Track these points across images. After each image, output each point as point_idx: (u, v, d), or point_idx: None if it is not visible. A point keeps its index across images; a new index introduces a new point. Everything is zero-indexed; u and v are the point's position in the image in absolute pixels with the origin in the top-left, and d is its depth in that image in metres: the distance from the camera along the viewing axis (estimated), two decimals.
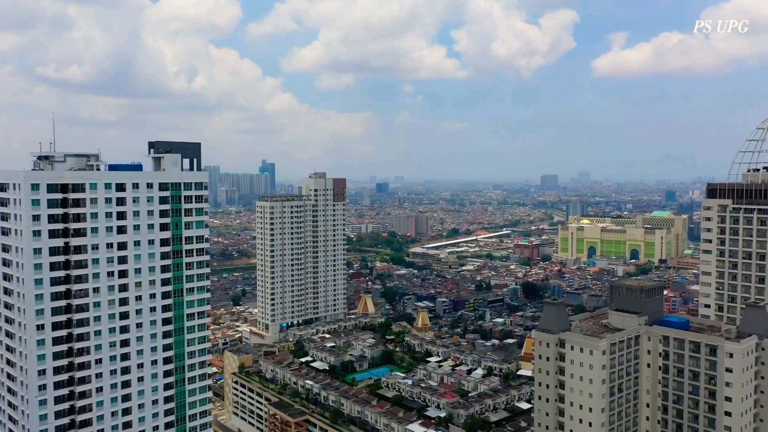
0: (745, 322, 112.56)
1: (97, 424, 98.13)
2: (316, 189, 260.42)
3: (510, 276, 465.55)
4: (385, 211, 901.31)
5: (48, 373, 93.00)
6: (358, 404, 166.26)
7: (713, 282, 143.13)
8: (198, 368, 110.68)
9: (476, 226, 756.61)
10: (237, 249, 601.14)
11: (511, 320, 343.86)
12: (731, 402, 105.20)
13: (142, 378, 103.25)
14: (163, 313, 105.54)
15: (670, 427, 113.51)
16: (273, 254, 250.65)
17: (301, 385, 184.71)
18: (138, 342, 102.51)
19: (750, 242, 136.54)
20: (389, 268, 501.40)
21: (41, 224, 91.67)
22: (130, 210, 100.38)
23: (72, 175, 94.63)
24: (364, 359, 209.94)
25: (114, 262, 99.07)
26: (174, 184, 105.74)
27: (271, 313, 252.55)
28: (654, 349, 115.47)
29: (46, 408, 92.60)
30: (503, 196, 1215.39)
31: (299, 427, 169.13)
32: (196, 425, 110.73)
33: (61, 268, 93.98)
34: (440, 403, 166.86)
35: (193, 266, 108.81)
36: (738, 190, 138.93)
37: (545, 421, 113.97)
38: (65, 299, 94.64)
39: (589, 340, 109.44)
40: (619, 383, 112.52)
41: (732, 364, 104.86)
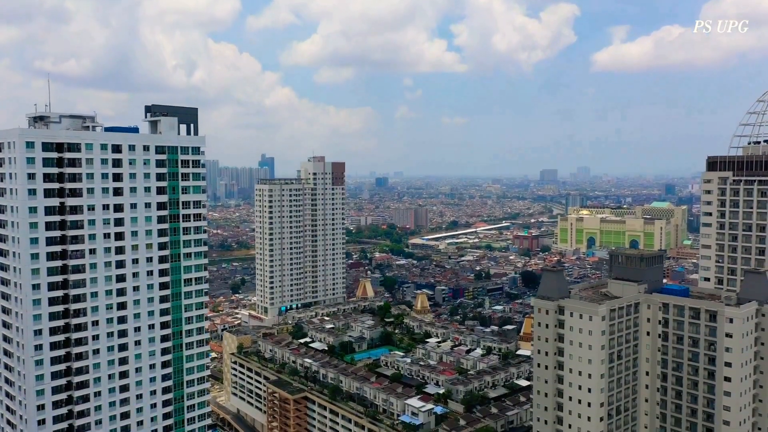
0: (745, 288, 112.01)
1: (94, 385, 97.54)
2: (315, 172, 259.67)
3: (509, 266, 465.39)
4: (384, 205, 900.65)
5: (44, 331, 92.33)
6: (357, 381, 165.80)
7: (713, 255, 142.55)
8: (196, 334, 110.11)
9: (476, 219, 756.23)
10: (236, 240, 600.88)
11: (510, 308, 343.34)
12: (731, 368, 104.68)
13: (139, 342, 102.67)
14: (161, 277, 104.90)
15: (669, 395, 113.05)
16: (272, 237, 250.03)
17: (300, 363, 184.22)
18: (135, 305, 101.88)
19: (750, 214, 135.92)
20: (388, 258, 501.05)
21: (36, 183, 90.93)
22: (127, 172, 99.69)
23: (68, 135, 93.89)
24: (363, 340, 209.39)
25: (110, 224, 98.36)
26: (171, 147, 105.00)
27: (269, 296, 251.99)
28: (654, 317, 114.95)
29: (42, 362, 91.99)
30: (503, 190, 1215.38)
31: (298, 404, 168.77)
32: (194, 391, 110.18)
33: (57, 229, 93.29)
34: (439, 380, 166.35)
35: (190, 231, 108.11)
36: (738, 162, 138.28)
37: (544, 388, 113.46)
38: (61, 260, 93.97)
39: (589, 306, 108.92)
40: (619, 350, 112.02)
41: (732, 329, 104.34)
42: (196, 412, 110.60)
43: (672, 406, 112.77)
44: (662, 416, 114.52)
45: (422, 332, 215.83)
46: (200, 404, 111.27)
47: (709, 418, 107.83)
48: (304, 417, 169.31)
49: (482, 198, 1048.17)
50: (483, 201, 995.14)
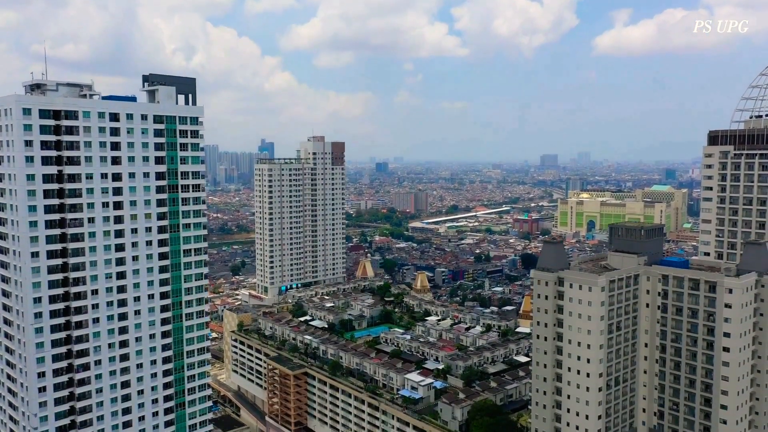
0: (745, 260, 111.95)
1: (94, 354, 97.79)
2: (315, 152, 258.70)
3: (509, 248, 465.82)
4: (384, 190, 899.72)
5: (44, 299, 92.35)
6: (357, 357, 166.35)
7: (713, 230, 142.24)
8: (195, 305, 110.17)
9: (476, 203, 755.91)
10: (236, 224, 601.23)
11: (510, 289, 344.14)
12: (730, 338, 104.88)
13: (139, 312, 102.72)
14: (160, 247, 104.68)
15: (668, 366, 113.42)
16: (272, 217, 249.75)
17: (300, 340, 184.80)
18: (134, 275, 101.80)
19: (751, 188, 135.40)
20: (388, 242, 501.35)
21: (34, 150, 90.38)
22: (125, 141, 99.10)
23: (65, 102, 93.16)
24: (363, 318, 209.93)
25: (109, 193, 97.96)
26: (169, 117, 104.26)
27: (269, 276, 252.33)
28: (653, 289, 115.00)
29: (42, 330, 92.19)
30: (503, 175, 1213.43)
31: (298, 379, 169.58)
32: (194, 362, 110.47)
33: (55, 196, 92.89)
34: (439, 356, 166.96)
35: (189, 202, 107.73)
36: (740, 136, 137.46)
37: (543, 359, 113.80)
38: (60, 228, 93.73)
39: (589, 276, 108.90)
40: (618, 321, 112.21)
41: (731, 300, 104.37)
42: (196, 382, 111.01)
43: (670, 377, 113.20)
44: (660, 387, 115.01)
45: (422, 311, 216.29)
46: (200, 375, 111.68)
47: (708, 388, 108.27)
48: (304, 392, 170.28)
49: (482, 183, 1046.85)
50: (483, 186, 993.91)
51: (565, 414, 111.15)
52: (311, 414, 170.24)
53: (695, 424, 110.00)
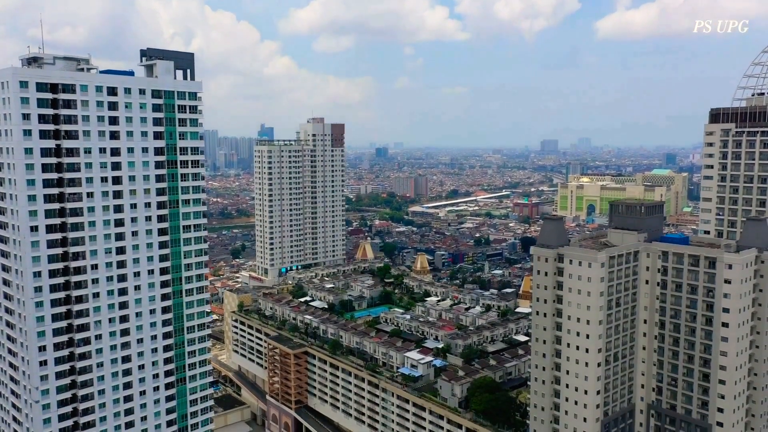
0: (745, 236, 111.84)
1: (94, 328, 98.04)
2: (314, 134, 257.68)
3: (509, 232, 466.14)
4: (384, 174, 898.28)
5: (44, 273, 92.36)
6: (357, 336, 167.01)
7: (713, 208, 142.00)
8: (195, 281, 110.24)
9: (476, 188, 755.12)
10: (236, 208, 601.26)
11: (510, 272, 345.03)
12: (729, 314, 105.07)
13: (139, 287, 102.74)
14: (159, 223, 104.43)
15: (667, 342, 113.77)
16: (271, 199, 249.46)
17: (300, 320, 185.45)
18: (134, 250, 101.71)
19: (752, 166, 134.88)
20: (388, 226, 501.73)
21: (32, 124, 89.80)
22: (123, 116, 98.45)
23: (62, 75, 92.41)
24: (363, 299, 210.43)
25: (108, 168, 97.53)
26: (167, 92, 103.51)
27: (270, 257, 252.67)
28: (653, 265, 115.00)
29: (42, 305, 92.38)
30: (503, 160, 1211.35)
31: (298, 358, 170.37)
32: (194, 337, 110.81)
33: (54, 171, 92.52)
34: (438, 335, 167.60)
35: (188, 178, 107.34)
36: (741, 113, 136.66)
37: (543, 335, 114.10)
38: (59, 203, 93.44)
39: (588, 252, 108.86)
40: (617, 298, 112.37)
41: (731, 275, 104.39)
42: (197, 358, 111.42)
43: (669, 353, 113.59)
44: (659, 363, 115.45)
45: (422, 292, 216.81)
46: (201, 351, 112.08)
47: (706, 363, 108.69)
48: (304, 371, 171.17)
49: (482, 168, 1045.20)
50: (483, 171, 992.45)
51: (564, 389, 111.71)
52: (311, 393, 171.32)
53: (693, 399, 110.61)
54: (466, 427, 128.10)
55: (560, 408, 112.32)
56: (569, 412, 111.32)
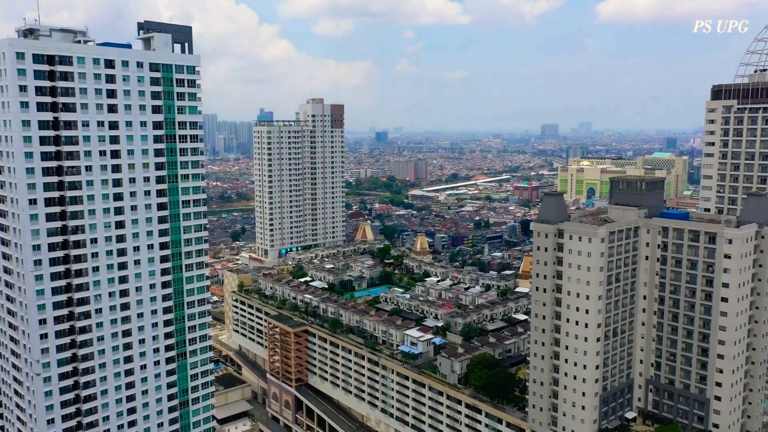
0: (745, 211, 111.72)
1: (94, 302, 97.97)
2: (314, 114, 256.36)
3: (509, 215, 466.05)
4: (384, 159, 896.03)
5: (43, 246, 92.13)
6: (357, 314, 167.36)
7: (714, 185, 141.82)
8: (195, 256, 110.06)
9: (475, 172, 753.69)
10: (236, 192, 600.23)
11: (510, 254, 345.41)
12: (728, 288, 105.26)
13: (139, 261, 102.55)
14: (158, 197, 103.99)
15: (666, 317, 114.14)
16: (271, 179, 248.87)
17: (300, 299, 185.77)
18: (133, 225, 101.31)
19: (753, 143, 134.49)
20: (388, 209, 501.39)
21: (29, 96, 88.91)
22: (121, 89, 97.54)
23: (59, 47, 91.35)
24: (363, 279, 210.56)
25: (106, 142, 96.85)
26: (165, 65, 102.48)
27: (269, 238, 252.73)
28: (653, 241, 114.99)
29: (42, 278, 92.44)
30: (503, 144, 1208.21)
31: (299, 337, 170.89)
32: (194, 313, 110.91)
33: (52, 143, 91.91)
34: (438, 313, 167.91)
35: (187, 153, 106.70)
36: (744, 90, 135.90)
37: (542, 311, 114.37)
38: (57, 176, 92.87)
39: (589, 228, 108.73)
40: (617, 273, 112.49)
41: (731, 250, 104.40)
42: (197, 333, 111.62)
43: (668, 328, 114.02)
44: (658, 338, 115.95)
45: (422, 272, 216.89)
46: (201, 326, 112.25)
47: (705, 338, 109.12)
48: (304, 350, 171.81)
49: (482, 152, 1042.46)
50: (483, 155, 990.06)
51: (564, 364, 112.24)
52: (311, 371, 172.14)
53: (692, 373, 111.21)
54: (466, 403, 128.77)
55: (559, 383, 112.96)
56: (568, 387, 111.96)
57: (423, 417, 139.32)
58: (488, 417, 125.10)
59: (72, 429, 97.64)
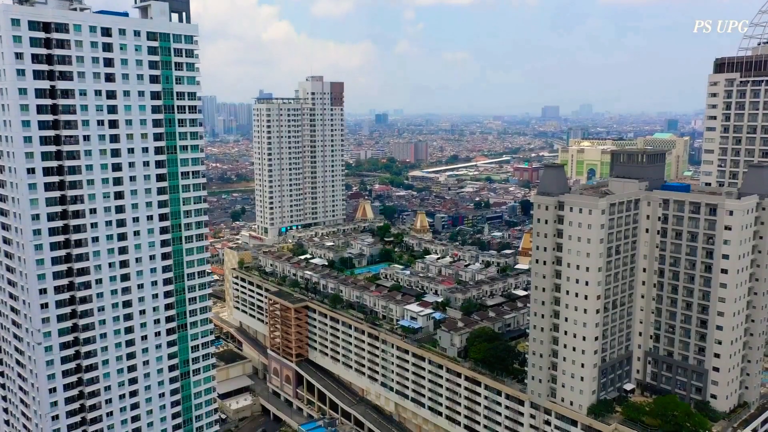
0: (747, 182, 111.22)
1: (94, 272, 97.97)
2: (314, 92, 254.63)
3: (509, 196, 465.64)
4: (384, 140, 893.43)
5: (42, 216, 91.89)
6: (357, 290, 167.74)
7: (715, 160, 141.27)
8: (195, 228, 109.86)
9: (476, 153, 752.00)
10: (236, 173, 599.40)
11: (510, 234, 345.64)
12: (728, 260, 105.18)
13: (138, 232, 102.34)
14: (157, 169, 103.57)
15: (665, 290, 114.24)
16: (270, 158, 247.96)
17: (301, 276, 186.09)
18: (132, 196, 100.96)
19: (756, 116, 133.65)
20: (388, 190, 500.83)
21: (25, 64, 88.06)
22: (118, 57, 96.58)
23: (55, 14, 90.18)
24: (363, 257, 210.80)
25: (104, 111, 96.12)
26: (163, 35, 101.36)
27: (269, 216, 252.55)
28: (653, 214, 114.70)
29: (41, 248, 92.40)
30: (504, 126, 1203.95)
31: (299, 313, 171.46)
32: (194, 284, 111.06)
33: (49, 112, 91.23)
34: (438, 289, 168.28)
35: (185, 124, 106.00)
36: (747, 62, 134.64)
37: (542, 283, 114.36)
38: (55, 145, 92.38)
39: (589, 199, 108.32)
40: (617, 246, 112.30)
41: (731, 221, 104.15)
42: (197, 304, 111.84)
43: (668, 300, 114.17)
44: (657, 311, 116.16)
45: (422, 249, 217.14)
46: (201, 297, 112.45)
47: (704, 310, 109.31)
48: (304, 325, 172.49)
49: (483, 134, 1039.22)
50: (483, 137, 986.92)
51: (563, 336, 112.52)
52: (312, 346, 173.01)
53: (690, 345, 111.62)
54: (465, 376, 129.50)
55: (558, 355, 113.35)
56: (567, 359, 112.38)
57: (423, 390, 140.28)
58: (487, 389, 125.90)
59: (74, 397, 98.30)
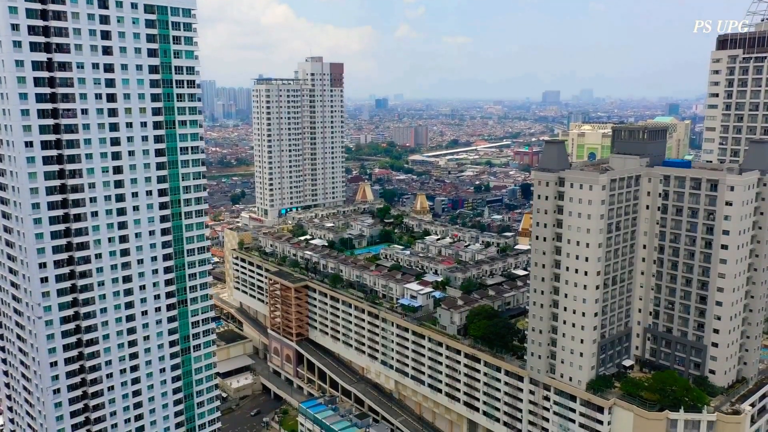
0: (748, 158, 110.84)
1: (94, 247, 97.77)
2: (313, 73, 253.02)
3: (509, 179, 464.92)
4: (384, 125, 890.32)
5: (41, 190, 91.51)
6: (357, 270, 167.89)
7: (717, 137, 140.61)
8: (194, 204, 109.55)
9: (476, 138, 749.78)
10: (235, 157, 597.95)
11: (509, 217, 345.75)
12: (729, 236, 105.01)
13: (137, 207, 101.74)
14: (156, 143, 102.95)
15: (665, 266, 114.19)
16: (270, 139, 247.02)
17: (301, 256, 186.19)
18: (131, 170, 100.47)
19: (758, 93, 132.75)
20: (388, 174, 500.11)
21: (21, 35, 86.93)
22: (115, 30, 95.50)
23: None
24: (363, 237, 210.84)
25: (101, 85, 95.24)
26: (160, 7, 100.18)
27: (269, 198, 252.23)
28: (654, 190, 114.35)
29: (40, 221, 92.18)
30: (504, 111, 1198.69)
31: (299, 292, 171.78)
32: (194, 260, 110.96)
33: (46, 85, 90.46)
34: (438, 269, 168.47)
35: (184, 98, 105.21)
36: (750, 39, 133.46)
37: (542, 260, 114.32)
38: (53, 118, 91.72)
39: (590, 175, 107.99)
40: (617, 222, 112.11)
41: (732, 197, 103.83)
42: (197, 280, 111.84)
43: (667, 277, 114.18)
44: (657, 287, 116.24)
45: (422, 230, 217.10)
46: (201, 273, 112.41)
47: (704, 286, 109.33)
48: (304, 305, 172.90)
49: (483, 119, 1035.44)
50: (484, 122, 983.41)
51: (562, 312, 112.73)
52: (312, 326, 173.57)
53: (689, 321, 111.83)
54: (465, 353, 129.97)
55: (558, 331, 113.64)
56: (567, 335, 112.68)
57: (422, 368, 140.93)
58: (487, 366, 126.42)
59: (75, 372, 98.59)
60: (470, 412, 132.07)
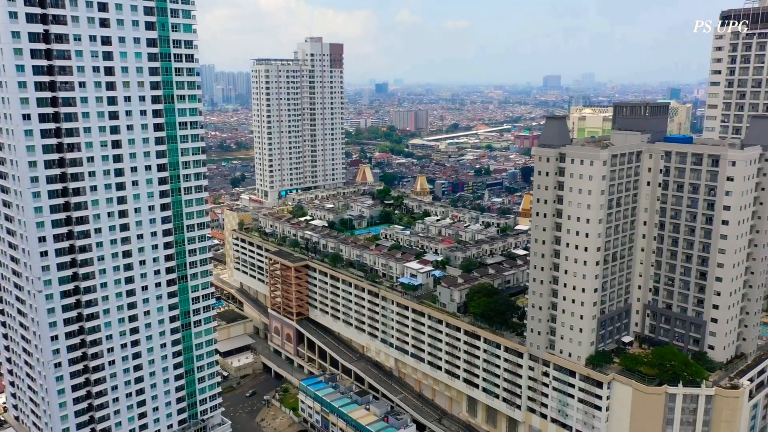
0: (750, 133, 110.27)
1: (93, 222, 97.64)
2: (313, 53, 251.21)
3: (509, 163, 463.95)
4: (384, 110, 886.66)
5: (39, 163, 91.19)
6: (357, 249, 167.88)
7: (719, 115, 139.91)
8: (194, 179, 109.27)
9: (476, 122, 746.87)
10: (235, 142, 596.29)
11: (510, 200, 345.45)
12: (729, 211, 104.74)
13: (137, 182, 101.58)
14: (154, 118, 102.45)
15: (665, 242, 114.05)
16: (270, 120, 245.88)
17: (301, 236, 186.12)
18: (130, 145, 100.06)
19: (761, 69, 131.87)
20: (388, 157, 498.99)
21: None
22: (112, 2, 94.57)
23: None
24: (363, 218, 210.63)
25: (99, 57, 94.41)
26: None
27: (269, 179, 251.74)
28: (655, 166, 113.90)
29: (39, 195, 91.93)
30: (505, 96, 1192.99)
31: (299, 272, 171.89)
32: (194, 236, 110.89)
33: (43, 57, 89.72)
34: (438, 248, 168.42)
35: (182, 73, 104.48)
36: (754, 14, 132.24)
37: (542, 236, 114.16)
38: (50, 91, 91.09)
39: (590, 151, 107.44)
40: (618, 198, 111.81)
41: (734, 172, 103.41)
42: (197, 256, 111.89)
43: (667, 253, 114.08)
44: (657, 264, 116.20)
45: (422, 211, 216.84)
46: (201, 249, 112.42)
47: (704, 262, 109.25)
48: (305, 284, 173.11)
49: (483, 103, 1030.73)
50: (484, 106, 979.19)
51: (562, 289, 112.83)
52: (312, 305, 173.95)
53: (689, 297, 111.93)
54: (465, 330, 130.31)
55: (558, 307, 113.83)
56: (566, 311, 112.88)
57: (422, 345, 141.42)
58: (487, 342, 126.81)
59: (75, 346, 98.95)
60: (470, 389, 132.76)
